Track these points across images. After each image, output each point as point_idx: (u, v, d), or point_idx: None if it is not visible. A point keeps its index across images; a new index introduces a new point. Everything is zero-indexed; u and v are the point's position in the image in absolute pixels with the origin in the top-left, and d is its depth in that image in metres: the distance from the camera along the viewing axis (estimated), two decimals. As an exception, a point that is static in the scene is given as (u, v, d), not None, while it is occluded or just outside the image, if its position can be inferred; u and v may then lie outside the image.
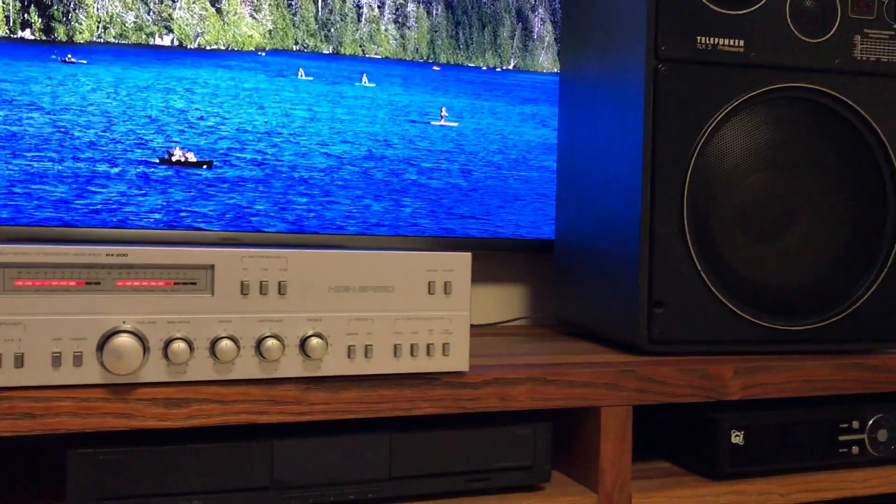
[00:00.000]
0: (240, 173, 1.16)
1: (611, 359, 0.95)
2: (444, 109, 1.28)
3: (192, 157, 1.14)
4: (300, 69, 1.20)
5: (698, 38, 0.97)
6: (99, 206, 1.09)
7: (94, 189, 1.10)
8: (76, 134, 1.09)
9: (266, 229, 1.16)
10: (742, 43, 0.98)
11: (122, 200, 1.11)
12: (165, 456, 0.74)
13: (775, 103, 0.99)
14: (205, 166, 1.15)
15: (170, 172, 1.13)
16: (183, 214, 1.13)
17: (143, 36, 1.13)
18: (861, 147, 1.02)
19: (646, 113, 0.96)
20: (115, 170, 1.11)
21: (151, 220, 1.11)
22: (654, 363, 0.92)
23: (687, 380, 0.91)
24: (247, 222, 1.16)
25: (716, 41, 0.97)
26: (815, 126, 1.01)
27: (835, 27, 1.01)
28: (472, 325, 1.26)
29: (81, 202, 1.09)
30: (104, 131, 1.11)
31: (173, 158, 1.14)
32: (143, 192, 1.11)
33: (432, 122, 1.27)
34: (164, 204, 1.12)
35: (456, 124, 1.28)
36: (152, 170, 1.12)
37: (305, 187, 1.18)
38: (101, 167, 1.10)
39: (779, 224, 1.00)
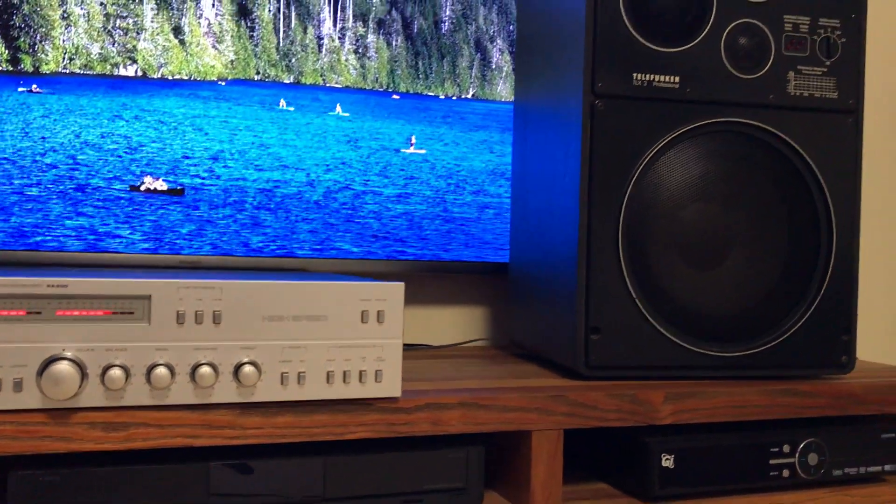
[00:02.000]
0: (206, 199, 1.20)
1: (546, 383, 0.98)
2: (413, 137, 1.32)
3: (162, 186, 1.18)
4: (282, 100, 1.24)
5: (634, 74, 1.01)
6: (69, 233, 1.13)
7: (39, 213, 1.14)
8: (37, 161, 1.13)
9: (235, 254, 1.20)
10: (677, 79, 1.02)
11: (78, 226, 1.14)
12: (104, 477, 0.77)
13: (710, 137, 1.03)
14: (176, 195, 1.19)
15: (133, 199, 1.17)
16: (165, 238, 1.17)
17: (108, 66, 1.17)
18: (795, 179, 1.05)
19: (583, 146, 1.00)
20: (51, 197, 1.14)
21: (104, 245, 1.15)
22: (587, 388, 0.95)
23: (617, 404, 0.94)
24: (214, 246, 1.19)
25: (652, 77, 1.01)
26: (749, 159, 1.04)
27: (769, 64, 1.04)
28: (430, 347, 1.31)
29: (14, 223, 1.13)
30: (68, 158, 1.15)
31: (142, 187, 1.17)
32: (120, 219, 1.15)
33: (402, 150, 1.31)
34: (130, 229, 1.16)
35: (424, 151, 1.32)
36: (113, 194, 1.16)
37: (273, 217, 1.22)
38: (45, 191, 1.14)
39: (715, 253, 1.04)
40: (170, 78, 1.20)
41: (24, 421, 0.74)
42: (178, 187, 1.19)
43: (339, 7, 1.28)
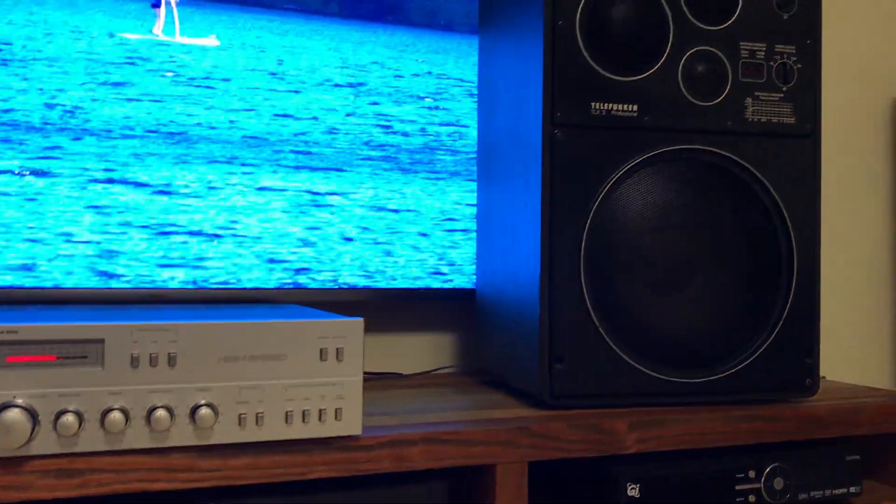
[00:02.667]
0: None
1: (511, 414, 0.98)
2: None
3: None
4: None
5: (592, 103, 1.01)
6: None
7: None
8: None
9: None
10: (635, 107, 1.02)
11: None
12: (58, 525, 0.76)
13: (670, 164, 1.04)
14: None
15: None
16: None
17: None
18: (755, 204, 1.06)
19: (543, 175, 1.00)
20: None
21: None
22: (550, 419, 0.95)
23: (581, 435, 0.94)
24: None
25: (610, 106, 1.02)
26: (710, 185, 1.05)
27: (726, 90, 1.05)
28: (400, 376, 1.30)
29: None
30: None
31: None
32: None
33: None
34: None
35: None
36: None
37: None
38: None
39: (677, 279, 1.04)
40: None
41: (-26, 471, 0.73)
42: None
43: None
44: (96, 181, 1.15)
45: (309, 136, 1.26)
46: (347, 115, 1.28)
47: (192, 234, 1.19)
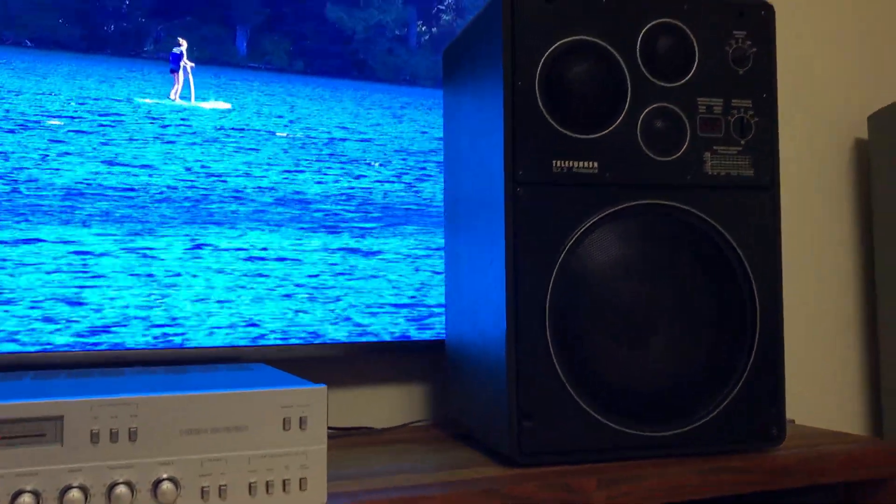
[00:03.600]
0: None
1: (481, 473, 0.98)
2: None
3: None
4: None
5: (554, 161, 1.02)
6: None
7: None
8: None
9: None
10: (596, 164, 1.04)
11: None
12: None
13: (632, 219, 1.05)
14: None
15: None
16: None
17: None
18: (717, 256, 1.07)
19: (507, 231, 1.01)
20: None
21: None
22: (521, 478, 0.95)
23: (551, 494, 0.93)
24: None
25: (571, 164, 1.03)
26: (672, 238, 1.06)
27: (685, 145, 1.07)
28: (371, 430, 1.29)
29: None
30: None
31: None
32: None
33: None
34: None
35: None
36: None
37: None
38: None
39: (642, 333, 1.05)
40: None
41: (-72, 556, 0.71)
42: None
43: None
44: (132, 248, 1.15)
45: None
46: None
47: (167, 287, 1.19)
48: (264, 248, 1.24)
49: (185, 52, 1.22)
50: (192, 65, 1.21)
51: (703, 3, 1.08)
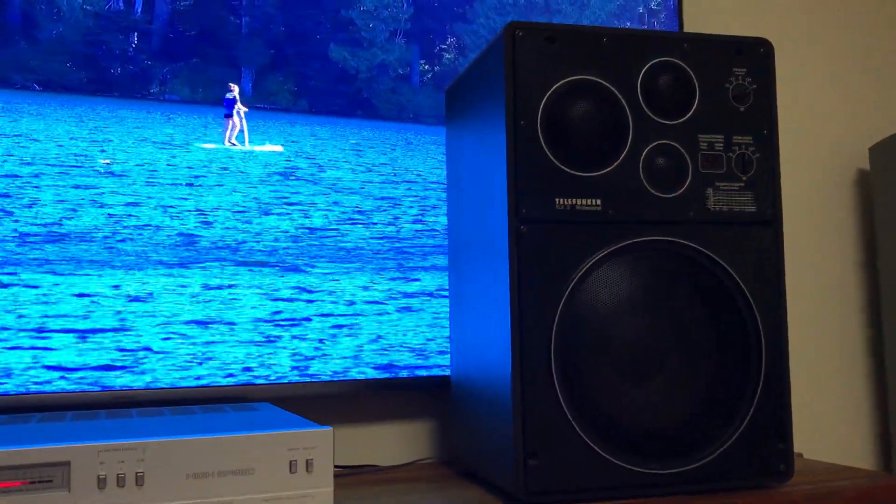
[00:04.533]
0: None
1: (487, 514, 0.97)
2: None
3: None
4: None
5: (556, 199, 1.03)
6: None
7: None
8: None
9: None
10: (599, 202, 1.04)
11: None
12: None
13: (636, 255, 1.05)
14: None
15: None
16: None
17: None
18: (721, 291, 1.07)
19: (511, 269, 1.01)
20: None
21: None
22: (527, 518, 0.94)
23: (558, 534, 0.93)
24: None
25: (573, 201, 1.04)
26: (675, 274, 1.07)
27: (687, 182, 1.08)
28: (377, 468, 1.29)
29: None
30: None
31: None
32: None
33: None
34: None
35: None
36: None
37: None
38: None
39: (648, 369, 1.05)
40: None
41: None
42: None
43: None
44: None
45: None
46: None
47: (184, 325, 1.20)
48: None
49: (237, 97, 1.24)
50: (246, 109, 1.23)
51: (703, 42, 1.10)
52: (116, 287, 1.17)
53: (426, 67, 1.39)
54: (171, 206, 1.20)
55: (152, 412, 1.04)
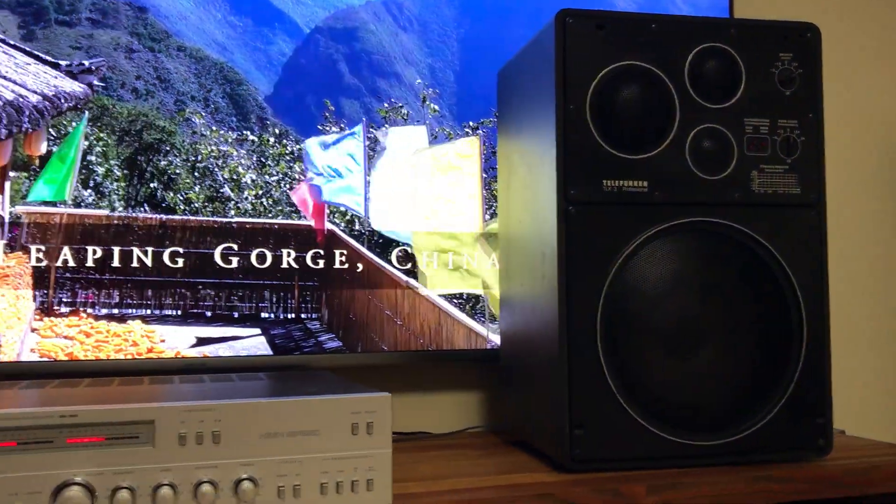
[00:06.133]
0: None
1: (534, 479, 1.03)
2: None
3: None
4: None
5: (604, 181, 1.07)
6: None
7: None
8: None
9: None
10: (645, 184, 1.08)
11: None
12: None
13: (681, 236, 1.09)
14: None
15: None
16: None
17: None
18: (764, 271, 1.11)
19: (559, 249, 1.06)
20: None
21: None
22: (573, 483, 1.00)
23: (603, 499, 0.98)
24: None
25: (621, 183, 1.08)
26: (720, 254, 1.10)
27: (732, 164, 1.11)
28: (429, 435, 1.35)
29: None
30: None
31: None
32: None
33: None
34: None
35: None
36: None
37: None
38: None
39: (690, 345, 1.09)
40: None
41: (37, 544, 0.79)
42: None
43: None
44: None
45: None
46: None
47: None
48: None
49: None
50: None
51: (750, 27, 1.12)
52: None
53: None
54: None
55: (222, 378, 1.12)
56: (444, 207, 1.38)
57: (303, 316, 1.30)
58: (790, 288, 1.11)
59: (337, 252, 1.32)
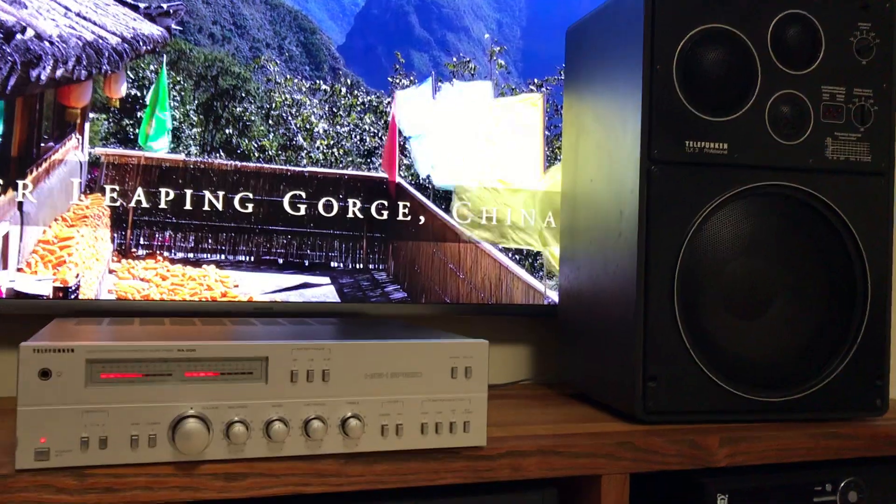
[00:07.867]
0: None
1: (610, 428, 1.07)
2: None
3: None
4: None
5: (687, 142, 1.09)
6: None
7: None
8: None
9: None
10: (726, 146, 1.10)
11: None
12: (223, 522, 0.85)
13: (756, 198, 1.12)
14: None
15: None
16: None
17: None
18: (832, 236, 1.14)
19: (640, 208, 1.08)
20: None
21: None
22: (649, 433, 1.03)
23: (677, 449, 1.02)
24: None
25: (702, 145, 1.10)
26: (791, 218, 1.13)
27: (808, 130, 1.13)
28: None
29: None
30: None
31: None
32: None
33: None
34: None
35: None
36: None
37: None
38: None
39: (759, 304, 1.12)
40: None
41: (155, 473, 0.82)
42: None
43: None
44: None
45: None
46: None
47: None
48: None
49: None
50: None
51: (831, -5, 1.14)
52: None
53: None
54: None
55: (297, 321, 1.14)
56: (505, 163, 1.40)
57: (370, 266, 1.32)
58: (857, 253, 1.14)
59: (401, 204, 1.33)
